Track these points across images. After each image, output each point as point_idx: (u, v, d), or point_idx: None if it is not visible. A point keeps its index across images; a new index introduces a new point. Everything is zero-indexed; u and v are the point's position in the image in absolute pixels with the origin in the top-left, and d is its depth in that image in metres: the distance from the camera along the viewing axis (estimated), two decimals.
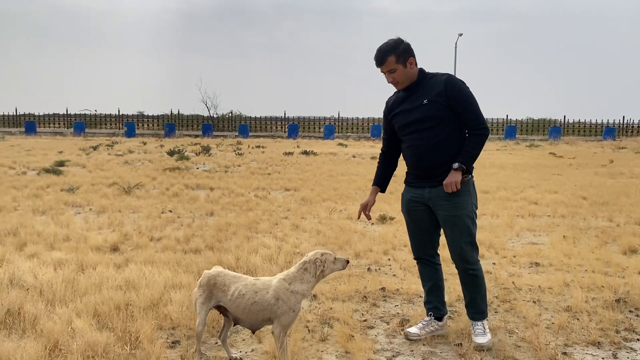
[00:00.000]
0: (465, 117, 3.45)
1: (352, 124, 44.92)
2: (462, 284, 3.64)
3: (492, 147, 27.33)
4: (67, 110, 46.08)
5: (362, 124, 43.95)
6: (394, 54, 3.42)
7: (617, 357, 3.40)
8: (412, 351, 3.50)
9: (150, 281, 4.47)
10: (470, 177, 3.51)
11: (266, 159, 18.47)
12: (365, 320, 3.98)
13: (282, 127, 43.65)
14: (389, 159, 3.86)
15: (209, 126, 40.16)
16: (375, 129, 38.01)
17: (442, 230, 3.65)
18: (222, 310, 3.23)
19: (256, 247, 5.85)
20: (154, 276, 4.60)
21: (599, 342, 3.59)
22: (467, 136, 3.49)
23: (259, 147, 25.20)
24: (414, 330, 3.67)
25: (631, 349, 3.53)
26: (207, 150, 20.62)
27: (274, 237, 6.48)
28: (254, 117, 46.41)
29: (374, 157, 18.34)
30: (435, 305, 3.73)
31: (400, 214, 4.60)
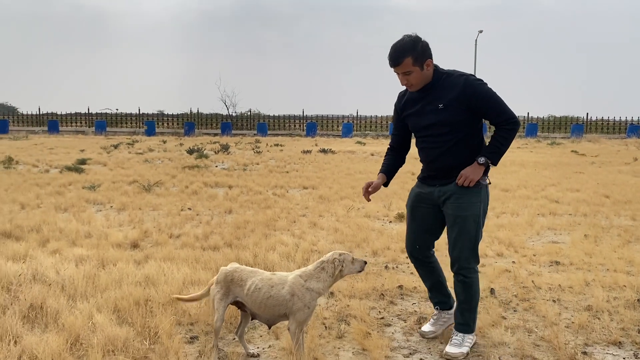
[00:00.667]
0: (491, 115, 3.28)
1: (371, 122, 44.85)
2: (454, 289, 3.52)
3: (512, 145, 26.68)
4: (88, 109, 46.86)
5: (381, 122, 43.81)
6: (412, 56, 3.16)
7: (638, 357, 3.34)
8: (429, 349, 3.49)
9: (169, 277, 4.52)
10: (486, 179, 3.39)
11: (284, 157, 18.52)
12: (382, 317, 3.97)
13: (300, 126, 43.71)
14: (397, 155, 3.71)
15: (227, 125, 40.40)
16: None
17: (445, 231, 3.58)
18: (240, 305, 3.25)
19: (274, 244, 5.88)
20: (173, 272, 4.65)
21: (620, 342, 3.54)
22: (495, 130, 3.33)
23: (277, 145, 25.27)
24: (427, 328, 3.64)
25: None
26: (226, 148, 20.74)
27: (292, 234, 6.50)
28: (272, 115, 46.71)
29: None
30: (440, 299, 3.69)
31: None
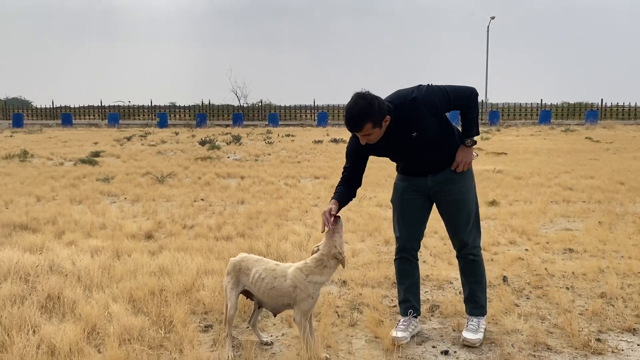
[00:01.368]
0: (455, 105, 3.26)
1: None
2: (462, 274, 3.52)
3: (525, 132, 26.80)
4: (101, 102, 47.33)
5: None
6: (371, 121, 3.05)
7: None
8: (441, 336, 3.50)
9: (183, 267, 4.57)
10: (477, 155, 3.45)
11: (296, 147, 18.53)
12: (394, 306, 3.98)
13: (311, 116, 43.67)
14: (351, 185, 3.39)
15: (239, 116, 40.49)
16: None
17: (430, 220, 3.55)
18: (248, 294, 3.30)
19: (286, 234, 5.91)
20: (187, 262, 4.70)
21: (634, 329, 3.52)
22: (463, 111, 3.31)
23: (288, 135, 25.28)
24: (401, 334, 3.40)
25: None
26: (237, 139, 20.80)
27: (304, 224, 6.53)
28: (283, 106, 46.66)
29: None
30: (412, 304, 3.55)
31: None
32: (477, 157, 3.46)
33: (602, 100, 42.09)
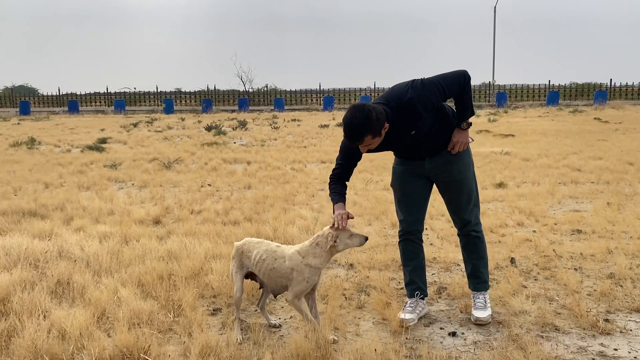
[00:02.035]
0: (449, 95, 3.23)
1: None
2: (465, 250, 3.57)
3: (533, 113, 26.58)
4: (107, 88, 47.14)
5: None
6: (370, 133, 3.06)
7: None
8: (449, 318, 3.50)
9: (191, 252, 4.60)
10: (472, 140, 3.45)
11: (302, 132, 18.50)
12: (401, 288, 3.99)
13: (317, 100, 43.49)
14: (342, 181, 3.46)
15: (245, 101, 40.37)
16: None
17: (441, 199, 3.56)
18: (252, 276, 3.35)
19: (293, 218, 5.92)
20: (195, 247, 4.72)
21: None
22: (457, 97, 3.28)
23: (294, 120, 25.23)
24: (408, 315, 3.40)
25: None
26: (243, 124, 20.78)
27: (311, 208, 6.53)
28: (289, 90, 46.47)
29: None
30: (419, 285, 3.56)
31: None
32: (472, 141, 3.45)
33: (611, 80, 41.58)
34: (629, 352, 2.98)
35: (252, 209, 6.50)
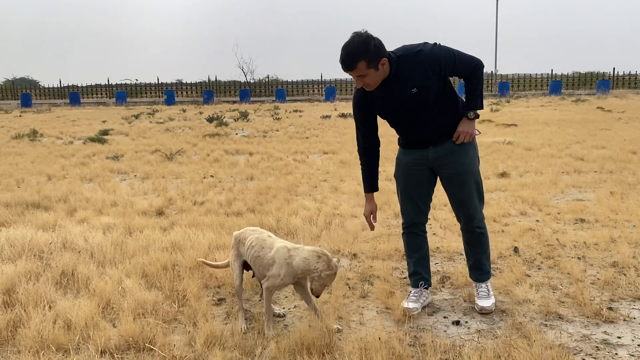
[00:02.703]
0: (461, 71, 3.18)
1: None
2: (468, 244, 3.49)
3: (536, 103, 26.49)
4: (108, 80, 47.25)
5: None
6: (365, 60, 2.99)
7: None
8: (452, 307, 3.51)
9: (195, 243, 4.61)
10: (479, 132, 3.33)
11: (304, 122, 18.46)
12: (405, 277, 3.99)
13: (319, 91, 43.38)
14: (372, 153, 3.46)
15: (246, 92, 40.30)
16: None
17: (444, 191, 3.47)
18: (248, 266, 3.37)
19: (296, 209, 5.92)
20: (199, 238, 4.73)
21: None
22: (467, 81, 3.22)
23: (296, 111, 25.17)
24: (412, 304, 3.40)
25: None
26: (245, 116, 20.75)
27: (314, 199, 6.54)
28: (290, 81, 46.32)
29: None
30: (423, 276, 3.53)
31: None
32: (479, 134, 3.35)
33: (614, 69, 41.43)
34: (632, 340, 2.98)
35: (254, 200, 6.51)
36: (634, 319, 3.24)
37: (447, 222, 5.33)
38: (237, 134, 14.85)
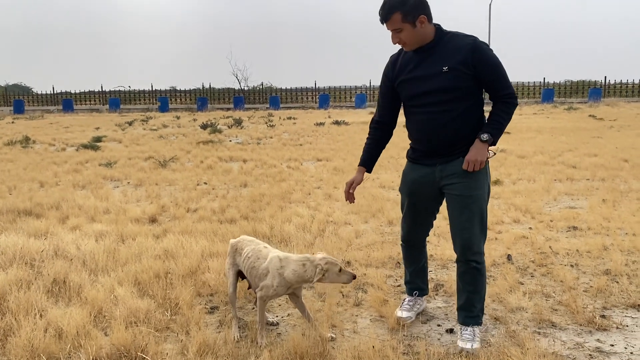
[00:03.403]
0: (495, 86, 2.99)
1: None
2: (460, 279, 3.13)
3: (528, 111, 26.64)
4: (102, 87, 47.28)
5: None
6: (401, 11, 2.89)
7: None
8: (446, 315, 3.51)
9: (188, 250, 4.58)
10: (494, 154, 3.15)
11: (298, 130, 18.48)
12: (399, 285, 4.00)
13: (313, 98, 43.47)
14: (383, 131, 3.35)
15: (240, 99, 40.31)
16: None
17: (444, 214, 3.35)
18: (242, 275, 3.37)
19: (289, 216, 5.91)
20: (192, 245, 4.71)
21: (639, 305, 3.53)
22: (495, 105, 3.03)
23: (290, 118, 25.20)
24: (405, 313, 3.37)
25: None
26: (239, 123, 20.74)
27: (307, 206, 6.53)
28: (284, 88, 46.41)
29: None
30: (418, 285, 3.48)
31: None
32: (494, 155, 3.12)
33: (605, 77, 41.82)
34: (625, 348, 2.99)
35: (248, 207, 6.49)
36: (627, 326, 3.25)
37: (440, 230, 5.33)
38: (230, 141, 14.84)
